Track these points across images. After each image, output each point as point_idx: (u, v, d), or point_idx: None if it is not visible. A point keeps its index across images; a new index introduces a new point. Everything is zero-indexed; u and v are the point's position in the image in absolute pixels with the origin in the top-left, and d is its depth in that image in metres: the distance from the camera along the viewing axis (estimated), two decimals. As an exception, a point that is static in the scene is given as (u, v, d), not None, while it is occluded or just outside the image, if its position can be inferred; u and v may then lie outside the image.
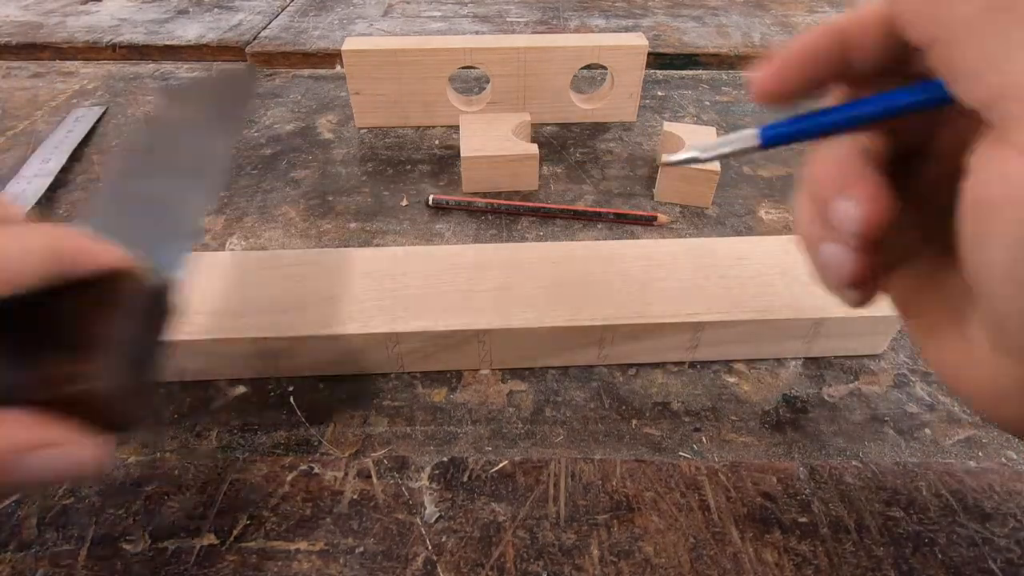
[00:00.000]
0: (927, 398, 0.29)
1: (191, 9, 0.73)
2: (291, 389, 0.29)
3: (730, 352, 0.30)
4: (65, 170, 0.45)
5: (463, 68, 0.48)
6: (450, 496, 0.24)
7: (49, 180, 0.43)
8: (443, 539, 0.23)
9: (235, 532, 0.23)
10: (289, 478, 0.25)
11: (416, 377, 0.30)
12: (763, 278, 0.31)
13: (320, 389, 0.29)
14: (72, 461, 0.17)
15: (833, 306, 0.29)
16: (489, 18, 0.72)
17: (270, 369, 0.29)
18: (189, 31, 0.66)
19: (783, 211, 0.42)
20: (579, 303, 0.29)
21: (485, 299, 0.29)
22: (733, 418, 0.28)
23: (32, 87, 0.58)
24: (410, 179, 0.44)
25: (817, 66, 0.15)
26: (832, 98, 0.16)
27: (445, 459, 0.26)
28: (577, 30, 0.69)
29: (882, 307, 0.29)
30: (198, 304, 0.29)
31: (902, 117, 0.14)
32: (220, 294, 0.29)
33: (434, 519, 0.24)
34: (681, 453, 0.26)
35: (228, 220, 0.40)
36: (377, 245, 0.38)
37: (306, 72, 0.61)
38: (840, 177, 0.15)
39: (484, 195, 0.42)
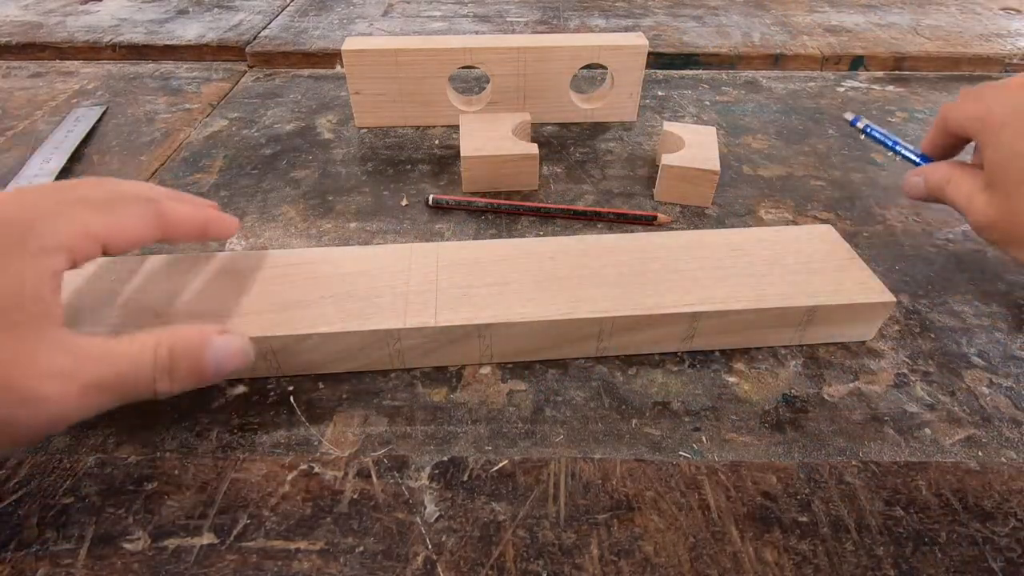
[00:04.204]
0: (927, 398, 0.29)
1: (191, 9, 0.73)
2: (291, 389, 0.29)
3: (726, 342, 0.31)
4: (65, 170, 0.45)
5: (463, 68, 0.48)
6: (450, 496, 0.24)
7: (50, 180, 0.43)
8: (443, 538, 0.23)
9: (235, 531, 0.23)
10: (289, 478, 0.25)
11: (416, 377, 0.30)
12: (756, 268, 0.31)
13: (320, 388, 0.29)
14: (238, 345, 0.25)
15: (824, 294, 0.30)
16: (489, 18, 0.72)
17: (271, 368, 0.29)
18: (189, 31, 0.66)
19: (783, 210, 0.42)
20: (577, 296, 0.29)
21: (485, 294, 0.29)
22: (733, 418, 0.28)
23: (32, 87, 0.58)
24: (410, 179, 0.44)
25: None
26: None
27: (445, 459, 0.26)
28: (577, 30, 0.69)
29: (872, 295, 0.30)
30: (198, 304, 0.29)
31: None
32: (220, 294, 0.29)
33: (434, 518, 0.24)
34: (681, 453, 0.26)
35: (228, 220, 0.40)
36: (377, 245, 0.38)
37: (306, 72, 0.62)
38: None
39: (484, 195, 0.42)
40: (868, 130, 0.44)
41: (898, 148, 0.41)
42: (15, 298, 0.20)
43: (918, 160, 0.39)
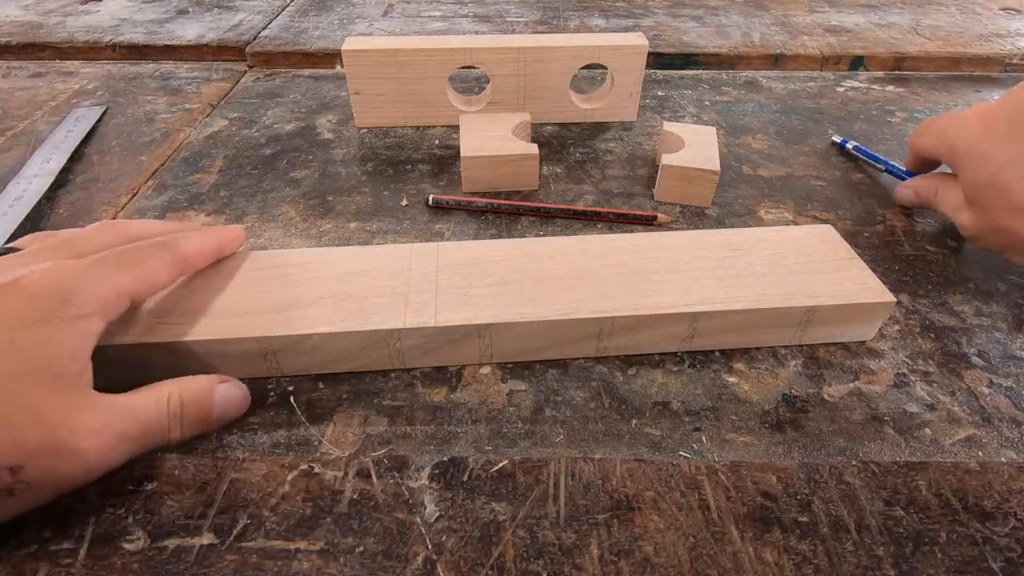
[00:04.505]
0: (927, 398, 0.29)
1: (191, 9, 0.73)
2: (291, 389, 0.29)
3: (726, 341, 0.31)
4: (65, 170, 0.45)
5: (463, 68, 0.48)
6: (450, 496, 0.24)
7: (50, 180, 0.43)
8: (443, 538, 0.23)
9: (235, 531, 0.23)
10: (289, 478, 0.25)
11: (416, 377, 0.30)
12: (757, 268, 0.31)
13: (320, 389, 0.29)
14: (238, 391, 0.27)
15: (825, 294, 0.30)
16: (489, 18, 0.72)
17: (271, 369, 0.29)
18: (189, 31, 0.66)
19: (783, 210, 0.42)
20: (577, 296, 0.29)
21: (485, 294, 0.29)
22: (733, 418, 0.28)
23: (32, 87, 0.58)
24: (410, 179, 0.44)
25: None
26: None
27: (445, 459, 0.26)
28: (577, 30, 0.69)
29: (872, 295, 0.30)
30: (198, 305, 0.29)
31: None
32: (220, 294, 0.29)
33: (434, 519, 0.24)
34: (681, 453, 0.26)
35: (228, 220, 0.40)
36: (377, 245, 0.38)
37: (306, 72, 0.62)
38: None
39: (484, 195, 0.42)
40: (857, 150, 0.47)
41: (887, 165, 0.45)
42: (58, 362, 0.22)
43: (906, 177, 0.43)
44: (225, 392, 0.26)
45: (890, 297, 0.30)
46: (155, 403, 0.24)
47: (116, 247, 0.26)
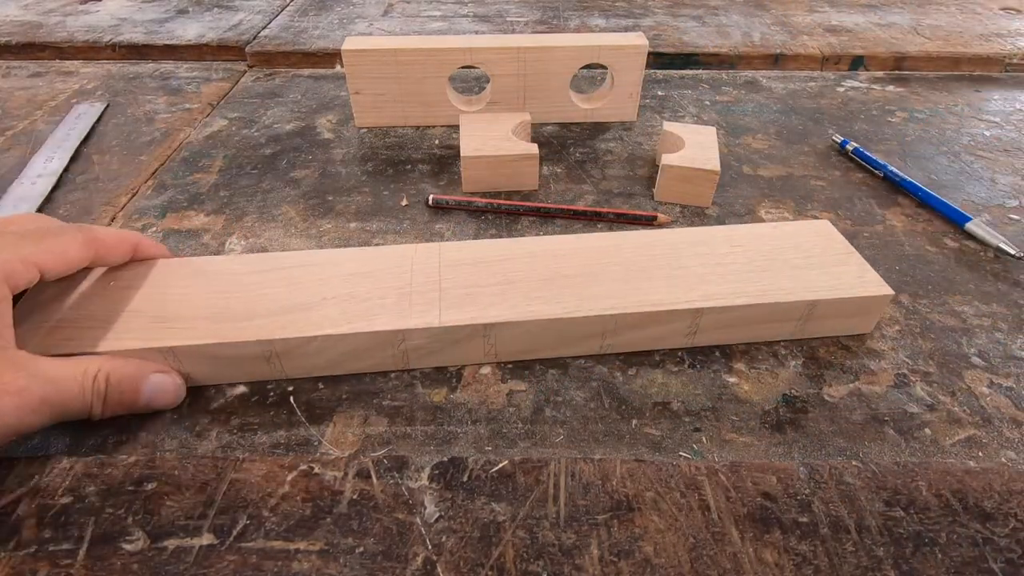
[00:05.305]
0: (927, 398, 0.29)
1: (191, 9, 0.73)
2: (291, 389, 0.29)
3: (727, 336, 0.31)
4: (65, 170, 0.45)
5: (463, 68, 0.48)
6: (450, 496, 0.24)
7: (54, 180, 0.43)
8: (443, 539, 0.23)
9: (234, 532, 0.23)
10: (289, 478, 0.25)
11: (416, 377, 0.30)
12: (757, 263, 0.32)
13: (320, 389, 0.29)
14: (172, 385, 0.27)
15: (824, 288, 0.30)
16: (489, 18, 0.72)
17: (275, 372, 0.29)
18: (189, 31, 0.66)
19: (783, 210, 0.42)
20: (582, 295, 0.29)
21: (489, 294, 0.29)
22: (733, 418, 0.28)
23: (32, 87, 0.58)
24: (410, 179, 0.44)
25: None
26: None
27: (445, 459, 0.26)
28: (577, 30, 0.69)
29: (870, 288, 0.30)
30: (202, 309, 0.29)
31: None
32: (221, 296, 0.29)
33: (434, 519, 0.24)
34: (681, 453, 0.26)
35: (228, 220, 0.40)
36: (377, 245, 0.38)
37: (306, 72, 0.61)
38: None
39: (484, 195, 0.42)
40: (856, 153, 0.47)
41: (886, 170, 0.45)
42: None
43: (903, 183, 0.43)
44: (158, 383, 0.27)
45: (888, 290, 0.30)
46: (81, 375, 0.25)
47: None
